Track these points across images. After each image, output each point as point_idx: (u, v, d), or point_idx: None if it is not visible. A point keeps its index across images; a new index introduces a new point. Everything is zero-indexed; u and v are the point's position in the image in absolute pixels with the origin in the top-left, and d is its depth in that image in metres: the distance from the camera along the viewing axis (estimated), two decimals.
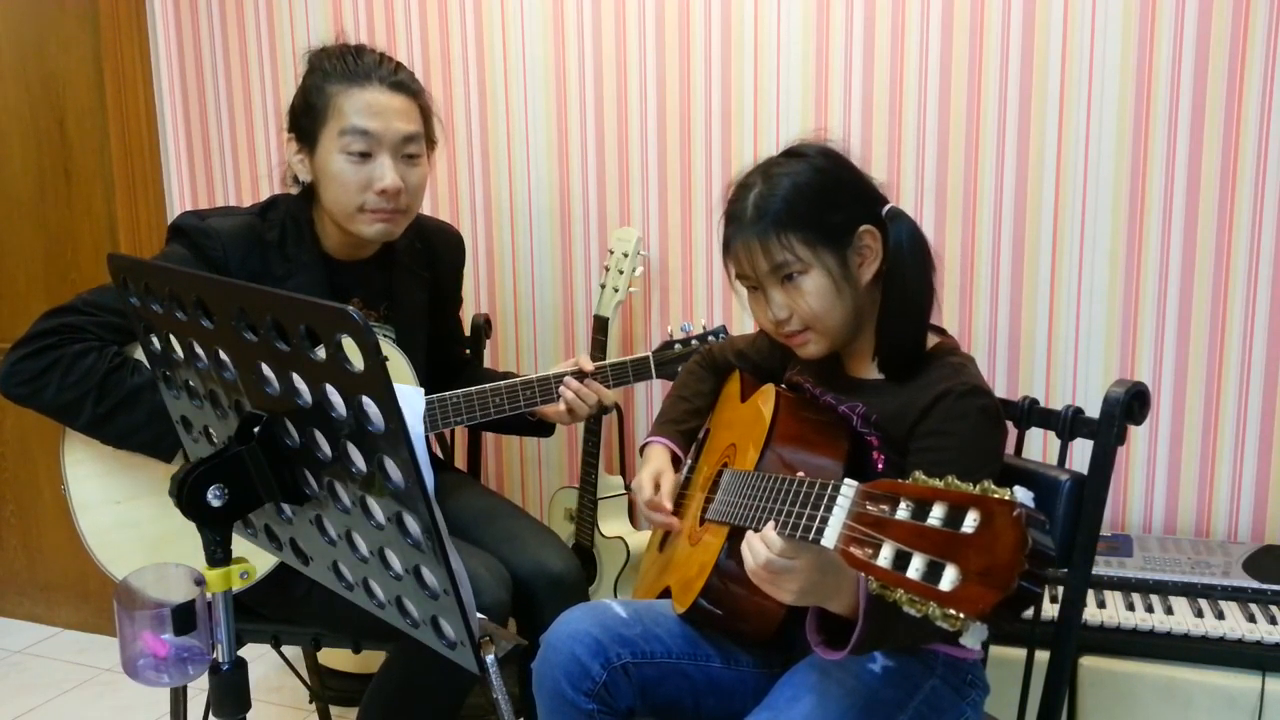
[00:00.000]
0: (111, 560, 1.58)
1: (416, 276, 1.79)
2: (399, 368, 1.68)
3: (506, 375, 1.79)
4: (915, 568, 0.78)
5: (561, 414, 1.76)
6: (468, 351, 2.01)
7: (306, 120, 1.62)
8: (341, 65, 1.61)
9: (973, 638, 0.80)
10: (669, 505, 1.46)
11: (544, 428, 1.86)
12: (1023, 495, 0.75)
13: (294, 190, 1.69)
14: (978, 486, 0.78)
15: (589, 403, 1.74)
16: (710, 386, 1.62)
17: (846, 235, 1.27)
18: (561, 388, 1.73)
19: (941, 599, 0.75)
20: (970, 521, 0.76)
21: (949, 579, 0.75)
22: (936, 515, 0.79)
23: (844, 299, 1.27)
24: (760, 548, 1.06)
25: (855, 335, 1.33)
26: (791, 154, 1.31)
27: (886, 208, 1.30)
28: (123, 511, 1.59)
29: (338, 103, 1.58)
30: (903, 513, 0.82)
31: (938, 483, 0.81)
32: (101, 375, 1.52)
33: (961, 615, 0.74)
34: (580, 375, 1.74)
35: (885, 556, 0.81)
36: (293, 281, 1.62)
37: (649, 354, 1.80)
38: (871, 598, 1.04)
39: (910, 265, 1.28)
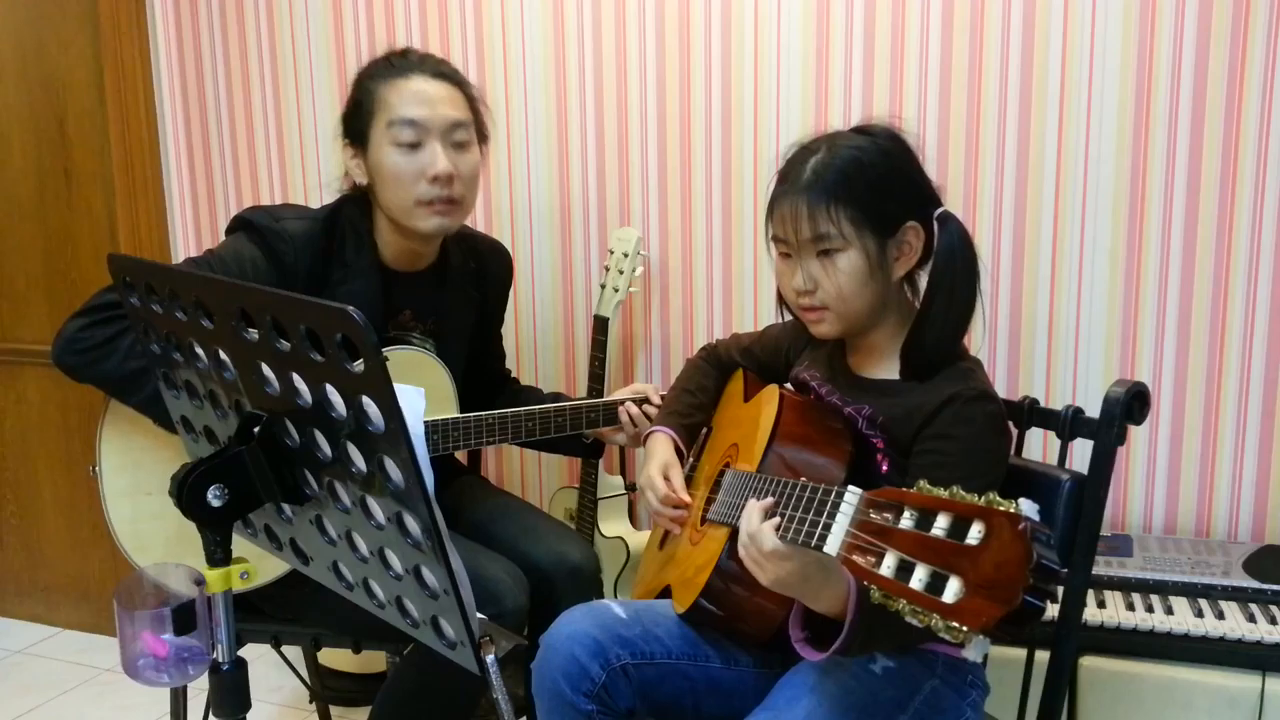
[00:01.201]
0: (137, 550, 1.58)
1: (467, 296, 1.80)
2: (441, 383, 1.69)
3: (555, 396, 1.84)
4: (918, 578, 0.77)
5: (619, 436, 1.80)
6: (510, 370, 2.02)
7: (356, 121, 1.64)
8: (385, 65, 1.65)
9: (975, 650, 0.80)
10: (685, 497, 1.44)
11: (599, 449, 1.89)
12: (1028, 508, 0.75)
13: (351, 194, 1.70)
14: (983, 498, 0.77)
15: (640, 426, 1.76)
16: (714, 383, 1.61)
17: (894, 226, 1.26)
18: (622, 409, 1.77)
19: (944, 611, 0.75)
20: (975, 533, 0.75)
21: (952, 591, 0.75)
22: (941, 525, 0.78)
23: (872, 287, 1.26)
24: (752, 544, 1.07)
25: (868, 329, 1.32)
26: (860, 131, 1.30)
27: (939, 211, 1.28)
28: (154, 503, 1.59)
29: (384, 96, 1.61)
30: (906, 522, 0.81)
31: (942, 492, 0.80)
32: None
33: (965, 628, 0.74)
34: (641, 403, 1.77)
35: (888, 565, 0.81)
36: (348, 286, 1.63)
37: None
38: (860, 607, 1.04)
39: (960, 275, 1.26)
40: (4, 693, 2.48)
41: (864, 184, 1.24)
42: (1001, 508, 0.75)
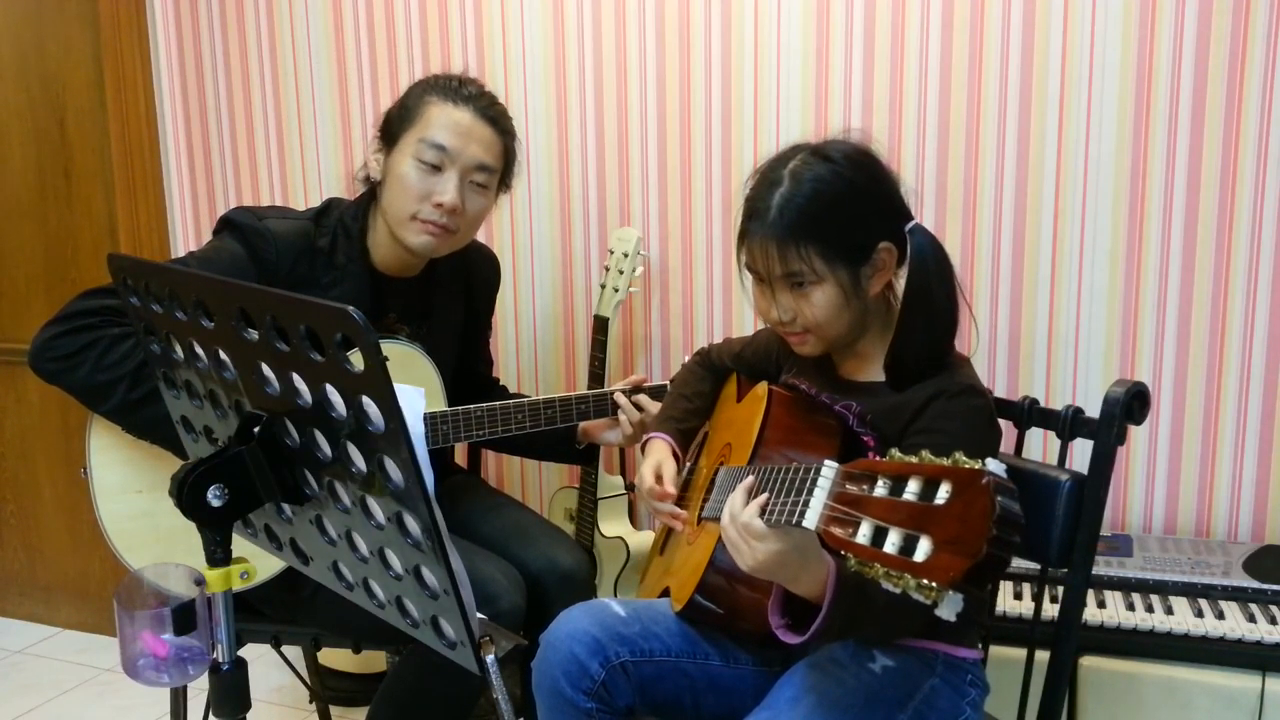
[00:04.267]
0: (128, 548, 1.58)
1: (454, 296, 1.80)
2: (428, 378, 1.69)
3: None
4: (892, 542, 0.80)
5: (611, 434, 1.80)
6: (498, 378, 2.01)
7: (396, 121, 1.64)
8: (446, 83, 1.64)
9: (948, 609, 0.83)
10: (673, 490, 1.44)
11: (592, 453, 1.89)
12: (994, 466, 0.78)
13: (360, 188, 1.70)
14: (950, 459, 0.80)
15: (631, 419, 1.76)
16: (709, 387, 1.62)
17: (866, 253, 1.25)
18: (619, 399, 1.77)
19: (915, 570, 0.77)
20: (943, 493, 0.78)
21: (922, 550, 0.78)
22: (912, 490, 0.81)
23: (850, 311, 1.27)
24: (733, 524, 1.07)
25: (853, 341, 1.32)
26: (821, 155, 1.25)
27: (909, 225, 1.26)
28: (143, 501, 1.59)
29: (428, 111, 1.61)
30: (880, 489, 0.84)
31: (913, 458, 0.83)
32: (139, 362, 1.50)
33: (934, 585, 0.76)
34: (633, 393, 1.78)
35: (864, 533, 0.83)
36: (338, 290, 1.63)
37: (668, 384, 1.80)
38: (839, 587, 1.04)
39: (937, 286, 1.25)
40: (4, 693, 2.48)
41: (830, 219, 1.22)
42: (966, 465, 0.78)
